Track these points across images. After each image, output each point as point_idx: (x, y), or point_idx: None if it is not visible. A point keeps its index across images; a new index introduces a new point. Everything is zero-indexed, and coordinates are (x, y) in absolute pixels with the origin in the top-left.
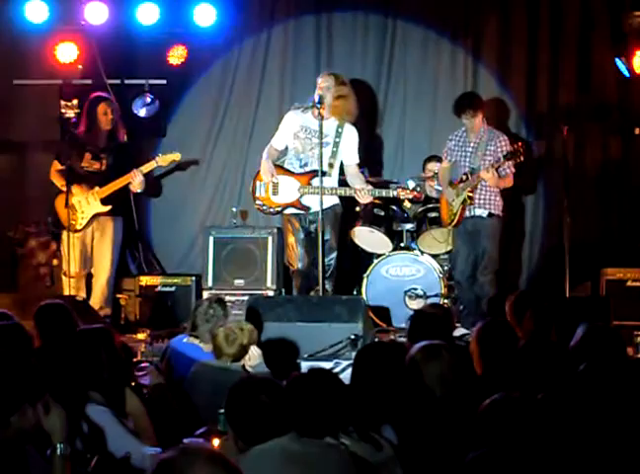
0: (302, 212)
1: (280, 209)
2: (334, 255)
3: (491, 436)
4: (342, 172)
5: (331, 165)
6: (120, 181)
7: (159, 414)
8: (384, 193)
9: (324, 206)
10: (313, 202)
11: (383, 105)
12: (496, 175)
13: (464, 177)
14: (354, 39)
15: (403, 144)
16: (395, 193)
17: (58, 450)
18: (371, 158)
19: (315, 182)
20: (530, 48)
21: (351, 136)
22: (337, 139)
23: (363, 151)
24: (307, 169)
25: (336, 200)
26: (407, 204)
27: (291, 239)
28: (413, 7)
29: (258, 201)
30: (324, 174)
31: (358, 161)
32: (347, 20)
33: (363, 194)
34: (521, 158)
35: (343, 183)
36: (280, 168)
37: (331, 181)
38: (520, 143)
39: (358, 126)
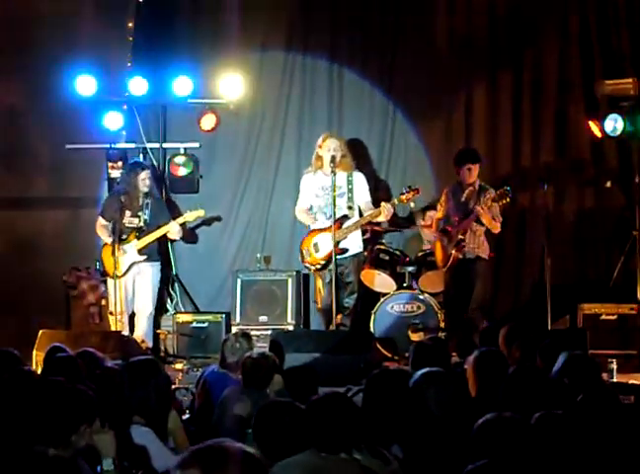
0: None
1: (325, 262)
2: (354, 296)
3: (485, 451)
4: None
5: (350, 207)
6: (158, 232)
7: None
8: (393, 202)
9: (353, 252)
10: (349, 244)
11: (387, 163)
12: (487, 212)
13: (456, 222)
14: (360, 119)
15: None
16: (397, 200)
17: (107, 465)
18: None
19: (345, 225)
20: (515, 117)
21: (360, 181)
22: (349, 186)
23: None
24: (336, 217)
25: (362, 248)
26: (412, 205)
27: (319, 282)
28: (409, 89)
29: (307, 265)
30: (347, 217)
31: (369, 199)
32: (356, 96)
33: (381, 211)
34: (508, 199)
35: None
36: (314, 230)
37: (354, 221)
38: (506, 187)
39: (363, 172)
